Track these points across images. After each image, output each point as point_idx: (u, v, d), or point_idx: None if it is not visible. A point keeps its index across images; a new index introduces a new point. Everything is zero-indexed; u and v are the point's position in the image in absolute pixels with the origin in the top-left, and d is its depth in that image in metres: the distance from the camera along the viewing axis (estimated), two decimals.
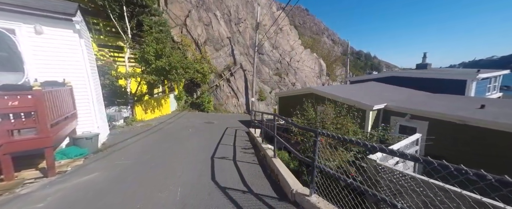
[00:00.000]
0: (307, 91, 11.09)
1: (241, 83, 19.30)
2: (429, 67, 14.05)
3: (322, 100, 9.90)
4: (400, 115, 7.85)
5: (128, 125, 10.15)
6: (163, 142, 7.55)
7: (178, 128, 10.55)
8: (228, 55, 20.00)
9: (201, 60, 16.83)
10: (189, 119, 13.74)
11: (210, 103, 17.07)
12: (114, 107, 9.87)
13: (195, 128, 10.86)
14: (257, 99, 19.46)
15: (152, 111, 12.79)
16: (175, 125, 11.43)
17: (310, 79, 25.61)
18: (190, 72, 12.29)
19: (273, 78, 22.48)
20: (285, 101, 13.36)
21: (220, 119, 14.54)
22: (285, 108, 13.34)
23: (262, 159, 5.68)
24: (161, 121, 12.04)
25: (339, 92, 9.70)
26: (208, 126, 11.92)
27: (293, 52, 25.32)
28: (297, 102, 12.25)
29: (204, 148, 7.03)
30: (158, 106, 13.45)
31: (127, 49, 11.50)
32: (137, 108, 11.23)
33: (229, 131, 10.79)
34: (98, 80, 7.34)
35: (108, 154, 5.85)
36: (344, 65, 49.04)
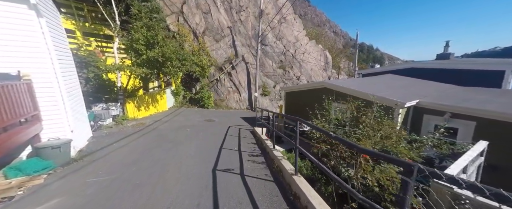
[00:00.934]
0: (320, 85, 9.81)
1: (243, 77, 17.98)
2: (451, 57, 12.73)
3: (339, 96, 8.66)
4: (436, 114, 6.61)
5: (118, 125, 8.95)
6: (155, 147, 6.34)
7: (175, 128, 9.36)
8: (229, 46, 18.56)
9: (199, 51, 15.44)
10: (187, 116, 12.54)
11: (210, 98, 15.82)
12: (101, 105, 8.63)
13: (194, 128, 9.66)
14: (260, 94, 18.19)
15: (147, 108, 11.57)
16: (171, 124, 10.23)
17: (316, 72, 24.23)
18: (188, 65, 10.97)
19: (277, 71, 21.11)
20: (293, 97, 12.11)
21: (222, 116, 13.34)
22: (293, 105, 12.10)
23: (278, 175, 4.48)
24: (156, 119, 10.83)
25: (358, 87, 8.43)
26: (208, 124, 10.72)
27: (298, 44, 23.81)
28: (307, 98, 11.00)
29: (204, 155, 5.84)
30: (153, 103, 12.21)
31: (116, 38, 10.14)
32: (128, 105, 10.00)
33: (232, 131, 9.60)
34: (74, 73, 6.06)
35: (83, 165, 4.66)
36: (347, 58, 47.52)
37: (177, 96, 15.30)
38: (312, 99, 10.47)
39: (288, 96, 12.56)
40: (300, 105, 11.32)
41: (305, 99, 10.90)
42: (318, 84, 10.00)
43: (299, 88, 11.61)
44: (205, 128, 9.78)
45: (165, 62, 8.81)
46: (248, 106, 17.61)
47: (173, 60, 8.98)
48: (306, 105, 10.99)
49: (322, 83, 9.63)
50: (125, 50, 9.31)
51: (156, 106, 12.52)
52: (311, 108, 10.40)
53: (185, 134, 8.37)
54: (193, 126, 10.01)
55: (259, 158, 5.74)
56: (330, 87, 9.16)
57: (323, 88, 9.59)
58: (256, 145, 7.34)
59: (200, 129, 9.61)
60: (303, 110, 11.22)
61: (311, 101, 10.57)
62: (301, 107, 11.30)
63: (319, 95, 9.85)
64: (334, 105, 9.07)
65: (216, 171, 4.69)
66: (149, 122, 10.18)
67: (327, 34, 67.81)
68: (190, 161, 5.26)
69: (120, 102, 9.45)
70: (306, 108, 10.72)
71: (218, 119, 12.51)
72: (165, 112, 13.29)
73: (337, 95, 8.90)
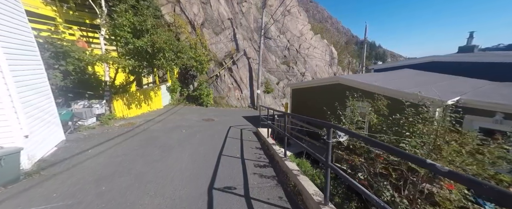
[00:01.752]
0: (333, 81, 8.60)
1: (245, 72, 16.77)
2: (476, 50, 11.50)
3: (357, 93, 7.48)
4: (483, 114, 5.42)
5: (103, 125, 7.80)
6: (139, 156, 5.19)
7: (168, 129, 8.21)
8: (230, 40, 17.31)
9: (197, 45, 14.21)
10: (184, 115, 11.39)
11: (210, 96, 14.65)
12: (82, 102, 7.48)
13: (190, 128, 8.51)
14: (263, 92, 17.01)
15: (138, 106, 10.41)
16: (165, 123, 9.08)
17: (321, 69, 22.97)
18: (184, 58, 9.77)
19: (280, 67, 19.88)
20: (300, 95, 10.93)
21: (222, 115, 12.19)
22: (300, 103, 10.93)
23: (295, 199, 3.30)
24: (148, 119, 9.68)
25: (382, 82, 7.23)
26: (206, 125, 9.57)
27: (302, 38, 22.52)
28: (317, 96, 9.82)
29: (199, 166, 4.69)
30: (146, 100, 11.05)
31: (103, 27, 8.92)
32: (116, 103, 8.84)
33: (233, 132, 8.46)
34: (38, 64, 4.88)
35: (36, 183, 3.52)
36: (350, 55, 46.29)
37: (173, 93, 14.14)
38: (323, 97, 9.30)
39: (295, 93, 11.37)
40: (309, 103, 10.16)
41: (314, 97, 9.73)
42: (331, 79, 8.80)
43: (307, 84, 10.40)
44: (202, 129, 8.63)
45: (156, 54, 7.62)
46: (250, 104, 16.44)
47: (166, 51, 7.79)
48: (316, 103, 9.83)
49: (337, 79, 8.43)
50: (108, 39, 8.08)
51: (149, 103, 11.37)
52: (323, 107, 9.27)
53: (179, 137, 7.22)
54: (189, 127, 8.86)
55: (267, 170, 4.59)
56: (346, 83, 7.96)
57: (336, 84, 8.39)
58: (261, 150, 6.19)
59: (197, 130, 8.47)
60: (312, 109, 10.05)
61: (322, 99, 9.40)
62: (310, 106, 10.14)
63: (333, 92, 8.67)
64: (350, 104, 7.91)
65: (213, 190, 3.54)
66: (140, 121, 9.04)
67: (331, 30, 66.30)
68: (179, 177, 4.11)
69: (106, 99, 8.29)
70: (316, 107, 9.60)
71: (218, 118, 11.37)
72: (160, 110, 12.15)
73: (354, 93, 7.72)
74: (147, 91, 11.21)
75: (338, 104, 8.37)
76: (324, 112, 9.19)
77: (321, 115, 9.38)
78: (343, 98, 8.23)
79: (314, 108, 9.83)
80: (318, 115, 9.40)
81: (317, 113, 9.72)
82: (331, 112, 8.48)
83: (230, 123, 10.23)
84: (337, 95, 8.54)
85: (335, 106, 8.42)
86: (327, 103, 9.19)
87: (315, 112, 9.66)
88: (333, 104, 8.72)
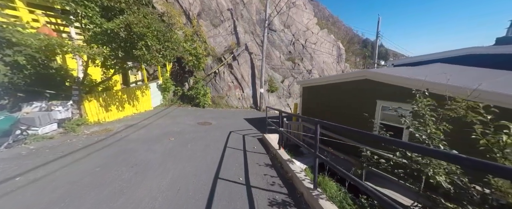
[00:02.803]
0: (358, 76, 6.88)
1: (247, 69, 15.06)
2: None
3: (391, 91, 5.79)
4: None
5: (68, 133, 6.10)
6: (94, 185, 3.48)
7: (152, 137, 6.52)
8: (230, 33, 15.59)
9: (193, 37, 12.49)
10: (176, 118, 9.69)
11: (207, 95, 12.95)
12: (38, 104, 5.77)
13: (181, 136, 6.82)
14: (266, 90, 15.32)
15: (120, 108, 8.71)
16: (150, 130, 7.38)
17: (329, 66, 21.24)
18: (175, 49, 8.06)
19: (285, 64, 18.16)
20: (314, 94, 9.22)
21: (220, 118, 10.49)
22: (313, 104, 9.22)
23: None
24: (131, 123, 7.98)
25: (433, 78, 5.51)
26: (202, 130, 7.87)
27: (308, 32, 20.78)
28: (337, 95, 8.11)
29: (183, 203, 3.00)
30: (130, 100, 9.34)
31: None
32: (89, 104, 7.14)
33: (233, 140, 6.78)
34: None
35: None
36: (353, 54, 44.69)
37: (165, 92, 12.44)
38: (344, 96, 7.59)
39: (307, 92, 9.66)
40: (324, 104, 8.45)
41: (332, 96, 8.02)
42: (356, 74, 7.07)
43: (322, 81, 8.68)
44: (196, 136, 6.93)
45: (135, 41, 5.90)
46: (253, 105, 14.74)
47: (149, 39, 6.07)
48: (334, 104, 8.12)
49: (364, 73, 6.70)
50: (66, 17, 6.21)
51: (135, 104, 9.66)
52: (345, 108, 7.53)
53: (164, 149, 5.52)
54: (180, 133, 7.16)
55: None
56: (377, 79, 6.24)
57: (363, 80, 6.67)
58: (273, 169, 4.49)
59: (189, 137, 6.77)
60: (328, 111, 8.35)
61: (343, 98, 7.70)
62: (326, 107, 8.42)
63: (357, 90, 6.96)
64: (380, 106, 6.21)
65: None
66: (118, 127, 7.33)
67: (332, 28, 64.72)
68: None
69: (74, 100, 6.58)
70: (335, 108, 7.87)
71: (216, 121, 9.67)
72: (149, 112, 10.44)
73: (388, 91, 6.04)
74: (132, 90, 9.50)
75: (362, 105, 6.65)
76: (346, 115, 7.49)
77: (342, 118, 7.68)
78: (372, 97, 6.51)
79: (331, 109, 8.12)
80: (337, 118, 7.61)
81: (336, 116, 8.01)
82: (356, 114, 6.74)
83: (230, 128, 8.55)
84: (363, 93, 6.84)
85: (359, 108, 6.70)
86: (349, 104, 7.48)
87: (333, 114, 7.96)
88: (358, 105, 7.01)
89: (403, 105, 5.62)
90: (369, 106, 6.50)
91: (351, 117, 7.18)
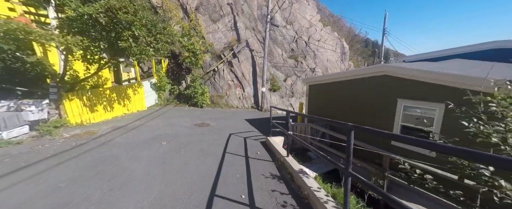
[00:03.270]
0: (375, 72, 6.06)
1: (248, 67, 14.24)
2: None
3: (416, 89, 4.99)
4: None
5: (43, 137, 5.28)
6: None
7: (141, 141, 5.69)
8: (229, 28, 14.77)
9: (190, 31, 11.67)
10: (170, 119, 8.87)
11: (205, 94, 12.13)
12: (5, 103, 4.95)
13: (174, 140, 5.99)
14: (268, 89, 14.50)
15: (109, 108, 7.88)
16: (140, 133, 6.56)
17: (333, 64, 20.42)
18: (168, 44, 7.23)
19: (287, 61, 17.33)
20: (321, 92, 8.42)
21: (219, 118, 9.67)
22: (321, 103, 8.41)
23: None
24: (119, 125, 7.16)
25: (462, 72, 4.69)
26: (198, 132, 7.04)
27: (311, 29, 19.95)
28: (347, 93, 7.29)
29: None
30: (120, 100, 8.52)
31: None
32: (68, 104, 6.30)
33: (234, 144, 5.96)
34: None
35: None
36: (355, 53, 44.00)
37: (161, 91, 11.61)
38: (358, 95, 6.77)
39: (314, 91, 8.84)
40: (334, 103, 7.63)
41: (344, 95, 7.20)
42: (372, 70, 6.24)
43: (332, 78, 7.86)
44: (192, 140, 6.11)
45: (119, 30, 5.06)
46: (254, 104, 13.92)
47: (137, 28, 5.25)
48: (345, 103, 7.30)
49: (382, 68, 5.88)
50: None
51: (126, 104, 8.83)
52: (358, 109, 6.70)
53: (152, 156, 4.70)
54: (174, 137, 6.34)
55: None
56: (398, 74, 5.42)
57: (381, 76, 5.86)
58: (281, 182, 3.68)
59: (184, 142, 5.95)
60: (340, 111, 7.53)
61: (356, 97, 6.88)
62: (336, 107, 7.60)
63: (373, 87, 6.15)
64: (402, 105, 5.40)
65: None
66: (104, 130, 6.50)
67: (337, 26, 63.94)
68: None
69: (52, 99, 5.75)
70: (348, 108, 7.04)
71: (215, 122, 8.85)
72: (141, 112, 9.62)
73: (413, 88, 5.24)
74: (122, 88, 8.67)
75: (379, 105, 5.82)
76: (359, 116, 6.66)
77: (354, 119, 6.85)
78: (392, 95, 5.68)
79: (342, 109, 7.30)
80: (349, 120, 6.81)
81: (347, 117, 7.18)
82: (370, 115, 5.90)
83: (230, 130, 7.74)
84: (380, 91, 6.02)
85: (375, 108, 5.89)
86: (362, 103, 6.66)
87: (343, 115, 7.14)
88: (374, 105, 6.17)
89: (434, 105, 4.82)
90: (388, 105, 5.69)
91: (365, 118, 6.38)
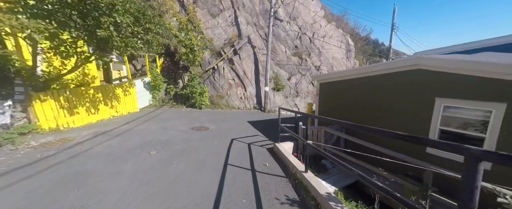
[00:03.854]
0: (406, 66, 5.07)
1: (250, 65, 13.27)
2: None
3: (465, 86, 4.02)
4: None
5: (2, 147, 4.31)
6: None
7: (125, 150, 4.71)
8: (230, 24, 13.81)
9: (187, 25, 10.69)
10: (165, 122, 7.90)
11: (204, 94, 11.16)
12: None
13: (166, 148, 5.01)
14: (272, 89, 13.53)
15: (92, 110, 6.91)
16: (127, 139, 5.58)
17: (339, 62, 19.45)
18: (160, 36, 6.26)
19: (291, 59, 16.36)
20: (335, 91, 7.44)
21: (220, 121, 8.69)
22: (334, 104, 7.43)
23: None
24: (104, 130, 6.18)
25: None
26: (195, 138, 6.06)
27: (316, 25, 18.99)
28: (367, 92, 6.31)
29: None
30: (108, 100, 7.55)
31: None
32: (41, 106, 5.33)
33: (237, 153, 4.98)
34: None
35: None
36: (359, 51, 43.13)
37: (155, 91, 10.64)
38: (381, 94, 5.80)
39: (326, 89, 7.86)
40: (351, 103, 6.63)
41: (363, 94, 6.21)
42: (403, 64, 5.24)
43: (348, 74, 6.87)
44: (187, 148, 5.13)
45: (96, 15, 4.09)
46: (256, 105, 12.95)
47: (118, 14, 4.28)
48: (365, 104, 6.32)
49: (416, 61, 4.89)
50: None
51: (114, 105, 7.86)
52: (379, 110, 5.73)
53: (136, 171, 3.72)
54: (166, 144, 5.36)
55: None
56: (442, 69, 4.43)
57: (414, 70, 4.88)
58: None
59: (178, 149, 4.97)
60: (358, 113, 6.55)
61: (378, 96, 5.90)
62: (353, 108, 6.62)
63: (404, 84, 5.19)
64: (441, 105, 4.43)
65: None
66: (84, 136, 5.53)
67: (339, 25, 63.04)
68: None
69: (16, 100, 4.77)
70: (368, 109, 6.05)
71: (214, 125, 7.88)
72: (132, 115, 8.64)
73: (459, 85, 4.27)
74: (109, 87, 7.70)
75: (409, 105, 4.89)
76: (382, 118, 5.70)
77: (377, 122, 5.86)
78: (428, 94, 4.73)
79: (360, 110, 6.31)
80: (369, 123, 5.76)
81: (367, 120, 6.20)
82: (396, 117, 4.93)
83: (232, 134, 6.78)
84: (411, 89, 5.05)
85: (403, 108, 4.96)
86: (387, 103, 5.68)
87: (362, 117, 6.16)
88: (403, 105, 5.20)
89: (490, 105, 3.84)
90: (421, 106, 4.72)
91: (390, 121, 5.41)
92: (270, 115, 11.59)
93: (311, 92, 15.53)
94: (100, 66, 9.56)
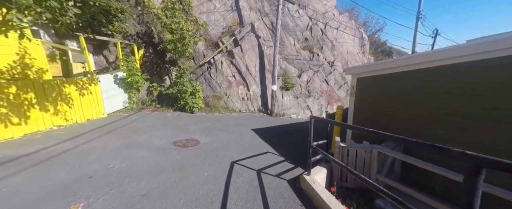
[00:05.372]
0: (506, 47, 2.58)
1: (253, 59, 10.89)
2: None
3: None
4: None
5: None
6: None
7: (25, 203, 2.31)
8: (229, 8, 11.43)
9: (175, 4, 8.28)
10: (137, 133, 5.50)
11: (197, 94, 8.76)
12: None
13: (115, 188, 2.56)
14: (279, 88, 11.16)
15: (14, 120, 4.52)
16: (50, 170, 3.18)
17: (354, 57, 17.07)
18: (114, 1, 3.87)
19: (301, 53, 13.98)
20: (384, 89, 5.00)
21: (215, 130, 6.28)
22: (379, 109, 4.94)
23: None
24: (21, 153, 3.78)
25: None
26: (176, 160, 3.64)
27: (328, 15, 16.62)
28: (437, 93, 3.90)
29: None
30: (48, 104, 5.14)
31: None
32: None
33: (239, 193, 2.50)
34: None
35: None
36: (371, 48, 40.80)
37: (132, 89, 8.24)
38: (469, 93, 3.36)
39: (367, 86, 5.43)
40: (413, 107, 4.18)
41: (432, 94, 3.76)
42: (497, 45, 2.72)
43: (409, 63, 4.38)
44: (153, 185, 2.68)
45: None
46: (261, 107, 10.56)
47: None
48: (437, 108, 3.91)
49: None
50: None
51: (61, 111, 5.44)
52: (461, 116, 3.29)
53: None
54: (120, 178, 2.93)
55: None
56: None
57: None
58: None
59: (133, 193, 2.52)
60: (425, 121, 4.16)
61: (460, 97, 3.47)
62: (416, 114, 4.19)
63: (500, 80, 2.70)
64: None
65: None
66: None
67: None
68: None
69: None
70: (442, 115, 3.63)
71: (207, 137, 5.49)
72: (93, 123, 6.23)
73: None
74: (51, 84, 5.29)
75: None
76: (466, 130, 3.33)
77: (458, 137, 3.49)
78: None
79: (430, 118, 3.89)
80: (446, 135, 3.07)
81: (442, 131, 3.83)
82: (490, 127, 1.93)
83: (232, 151, 4.40)
84: None
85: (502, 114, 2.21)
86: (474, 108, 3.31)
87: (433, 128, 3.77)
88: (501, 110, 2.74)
89: None
90: None
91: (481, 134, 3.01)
92: (279, 120, 9.22)
93: (325, 91, 13.14)
94: (56, 56, 7.18)
